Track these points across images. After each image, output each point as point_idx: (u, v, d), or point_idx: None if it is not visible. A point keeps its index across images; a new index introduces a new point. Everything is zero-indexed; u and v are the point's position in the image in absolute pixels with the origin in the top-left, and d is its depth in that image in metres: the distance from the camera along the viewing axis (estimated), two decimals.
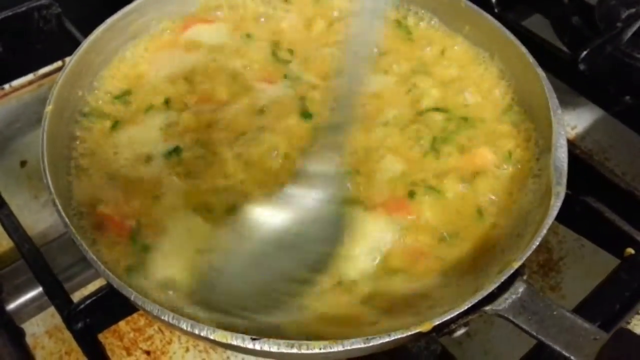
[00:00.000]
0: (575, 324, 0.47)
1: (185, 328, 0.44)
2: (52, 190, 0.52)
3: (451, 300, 0.51)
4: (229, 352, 0.69)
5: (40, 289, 0.67)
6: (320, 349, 0.43)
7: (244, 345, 0.44)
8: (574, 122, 0.90)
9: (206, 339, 0.44)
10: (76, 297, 0.61)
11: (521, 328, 0.47)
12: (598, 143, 0.88)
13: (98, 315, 0.55)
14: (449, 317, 0.46)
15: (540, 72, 0.63)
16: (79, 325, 0.53)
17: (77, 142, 0.62)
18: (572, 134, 0.89)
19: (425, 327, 0.45)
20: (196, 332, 0.44)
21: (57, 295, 0.56)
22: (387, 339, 0.44)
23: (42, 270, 0.58)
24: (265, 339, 0.43)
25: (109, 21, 0.66)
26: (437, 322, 0.45)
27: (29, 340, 0.61)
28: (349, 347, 0.44)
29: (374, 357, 0.51)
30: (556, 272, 0.75)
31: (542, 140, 0.62)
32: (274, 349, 0.44)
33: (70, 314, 0.53)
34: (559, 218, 0.65)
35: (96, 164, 0.60)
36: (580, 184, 0.65)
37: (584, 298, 0.59)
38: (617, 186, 0.66)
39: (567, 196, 0.63)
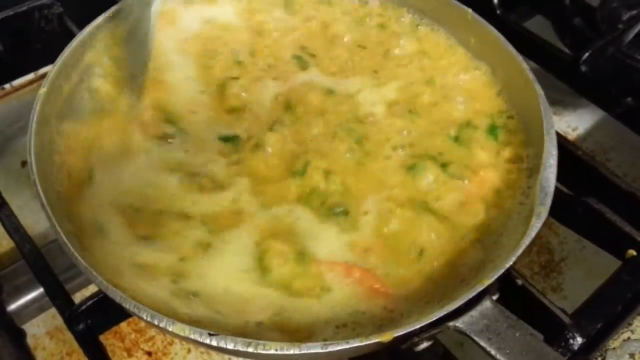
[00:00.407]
0: (535, 347, 0.46)
1: (145, 318, 0.44)
2: (35, 171, 0.52)
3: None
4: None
5: (40, 290, 0.67)
6: (276, 350, 0.43)
7: (201, 341, 0.43)
8: (575, 123, 0.91)
9: (165, 330, 0.44)
10: (77, 298, 0.61)
11: (481, 347, 0.47)
12: (599, 144, 0.88)
13: (99, 316, 0.55)
14: (411, 329, 0.45)
15: (538, 89, 0.62)
16: (81, 326, 0.53)
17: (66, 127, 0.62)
18: (574, 135, 0.89)
19: (386, 338, 0.44)
20: (155, 322, 0.44)
21: (58, 296, 0.56)
22: (345, 346, 0.44)
23: (43, 271, 0.58)
24: (222, 336, 0.43)
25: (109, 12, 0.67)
26: (397, 334, 0.45)
27: (29, 341, 0.61)
28: (305, 351, 0.43)
29: (376, 357, 0.51)
30: (557, 273, 0.75)
31: (535, 159, 0.60)
32: (230, 346, 0.43)
33: (71, 315, 0.53)
34: (560, 219, 0.66)
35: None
36: (581, 185, 0.66)
37: (586, 299, 0.59)
38: (618, 187, 0.66)
39: (568, 197, 0.63)
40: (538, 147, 0.59)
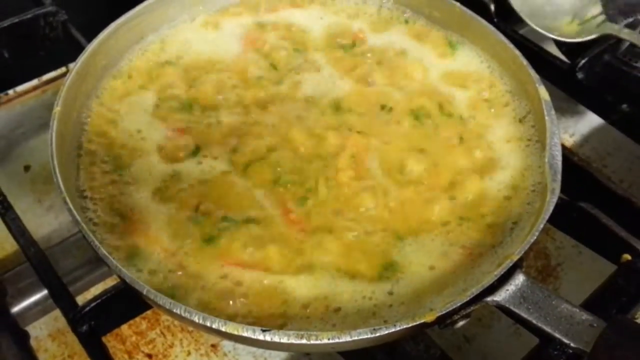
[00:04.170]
0: (573, 313, 0.48)
1: (197, 321, 0.45)
2: (63, 189, 0.52)
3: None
4: (230, 356, 0.69)
5: (43, 293, 0.68)
6: (328, 339, 0.45)
7: (255, 337, 0.45)
8: (572, 129, 0.92)
9: (217, 331, 0.45)
10: (79, 300, 0.61)
11: (522, 317, 0.49)
12: (596, 151, 0.89)
13: (103, 317, 0.55)
14: (452, 307, 0.47)
15: (533, 73, 0.64)
16: (84, 327, 0.54)
17: (84, 141, 0.63)
18: (570, 141, 0.90)
19: (430, 318, 0.46)
20: (208, 324, 0.45)
21: (62, 298, 0.57)
22: (393, 330, 0.46)
23: (48, 274, 0.58)
24: (275, 331, 0.45)
25: (114, 24, 0.68)
26: (440, 313, 0.47)
27: (32, 343, 0.61)
28: (356, 338, 0.45)
29: (374, 357, 0.52)
30: (554, 278, 0.76)
31: (540, 142, 0.63)
32: (284, 340, 0.45)
33: (75, 316, 0.54)
34: (557, 224, 0.67)
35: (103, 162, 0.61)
36: (577, 191, 0.66)
37: (581, 303, 0.59)
38: (614, 193, 0.67)
39: (564, 202, 0.64)
40: (540, 130, 0.62)
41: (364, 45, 0.74)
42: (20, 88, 0.92)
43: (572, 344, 0.47)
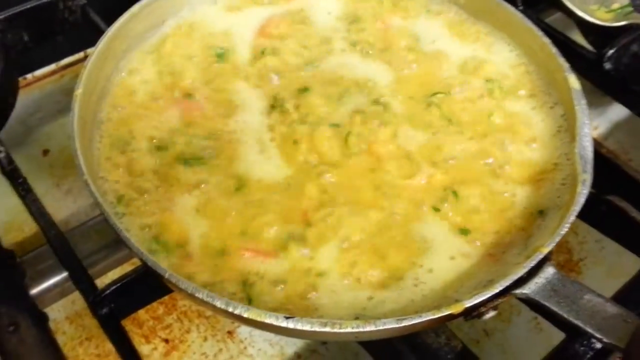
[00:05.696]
0: (605, 307, 0.47)
1: (219, 306, 0.45)
2: (85, 171, 0.52)
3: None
4: (246, 342, 0.69)
5: (62, 275, 0.68)
6: (352, 328, 0.44)
7: (277, 324, 0.44)
8: (596, 122, 0.90)
9: (239, 317, 0.45)
10: (97, 284, 0.61)
11: (551, 311, 0.48)
12: (621, 143, 0.88)
13: (122, 301, 0.55)
14: (480, 299, 0.46)
15: (562, 62, 0.63)
16: (104, 310, 0.54)
17: (104, 124, 0.62)
18: (595, 134, 0.89)
19: (457, 309, 0.46)
20: (230, 309, 0.45)
21: (82, 280, 0.57)
22: (418, 320, 0.45)
23: (68, 256, 0.58)
24: (298, 318, 0.44)
25: (136, 7, 0.67)
26: (468, 305, 0.46)
27: (50, 325, 0.62)
28: (381, 327, 0.44)
29: (399, 353, 0.51)
30: (576, 273, 0.75)
31: (569, 132, 0.62)
32: (307, 327, 0.44)
33: (95, 299, 0.54)
34: (584, 217, 0.65)
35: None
36: (604, 183, 0.65)
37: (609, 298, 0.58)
38: None
39: (592, 195, 0.62)
40: (570, 119, 0.61)
41: (390, 33, 0.73)
42: (38, 72, 0.92)
43: (604, 339, 0.46)
